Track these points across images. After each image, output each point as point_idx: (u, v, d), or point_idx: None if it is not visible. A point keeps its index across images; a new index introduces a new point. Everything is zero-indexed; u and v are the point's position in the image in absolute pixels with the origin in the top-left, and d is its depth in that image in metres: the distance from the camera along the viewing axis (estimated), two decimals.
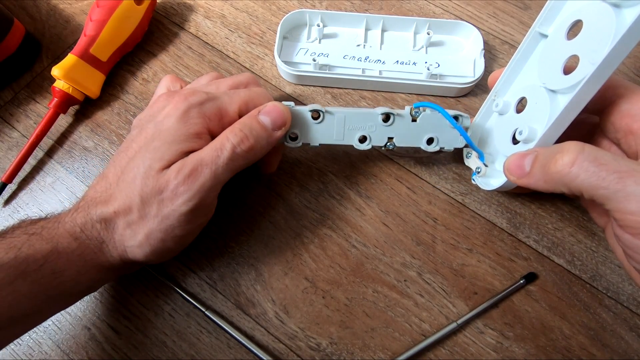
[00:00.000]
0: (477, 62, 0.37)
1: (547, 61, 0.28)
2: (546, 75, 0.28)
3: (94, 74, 0.36)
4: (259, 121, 0.27)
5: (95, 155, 0.35)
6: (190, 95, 0.27)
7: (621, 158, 0.21)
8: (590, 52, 0.24)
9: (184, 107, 0.26)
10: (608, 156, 0.21)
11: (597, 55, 0.23)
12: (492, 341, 0.29)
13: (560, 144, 0.23)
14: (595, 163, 0.20)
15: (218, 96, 0.27)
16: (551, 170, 0.23)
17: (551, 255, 0.31)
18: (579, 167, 0.21)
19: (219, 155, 0.25)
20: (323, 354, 0.28)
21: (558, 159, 0.22)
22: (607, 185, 0.20)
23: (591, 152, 0.21)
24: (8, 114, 0.37)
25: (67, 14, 0.41)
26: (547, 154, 0.23)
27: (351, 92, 0.37)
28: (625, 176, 0.19)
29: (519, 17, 0.40)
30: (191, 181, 0.24)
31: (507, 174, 0.26)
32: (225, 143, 0.25)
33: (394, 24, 0.39)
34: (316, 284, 0.30)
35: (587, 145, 0.22)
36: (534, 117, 0.28)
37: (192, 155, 0.25)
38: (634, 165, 0.20)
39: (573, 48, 0.26)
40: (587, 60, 0.24)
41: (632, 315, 0.29)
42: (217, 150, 0.25)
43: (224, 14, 0.41)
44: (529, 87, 0.29)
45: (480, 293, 0.30)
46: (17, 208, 0.34)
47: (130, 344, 0.29)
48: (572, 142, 0.23)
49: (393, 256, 0.31)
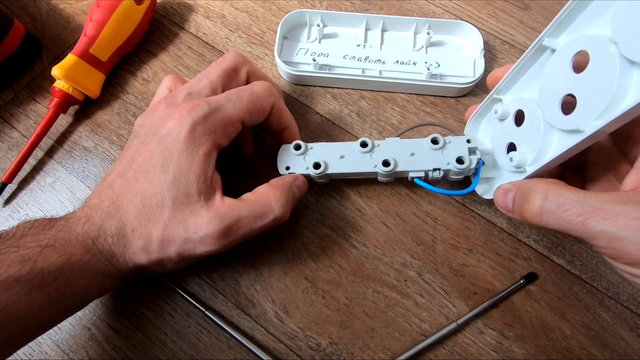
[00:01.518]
0: (477, 62, 0.37)
1: (548, 86, 0.25)
2: (544, 102, 0.25)
3: (94, 74, 0.36)
4: (294, 193, 0.29)
5: (95, 155, 0.35)
6: (192, 108, 0.26)
7: (584, 196, 0.21)
8: (589, 102, 0.22)
9: (188, 125, 0.25)
10: (571, 198, 0.21)
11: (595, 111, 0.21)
12: (492, 341, 0.29)
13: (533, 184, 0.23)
14: (560, 209, 0.21)
15: (221, 105, 0.27)
16: (525, 216, 0.24)
17: (551, 255, 0.31)
18: (547, 216, 0.22)
19: (257, 222, 0.26)
20: (323, 354, 0.28)
21: (527, 209, 0.23)
22: (574, 229, 0.21)
23: (554, 199, 0.22)
24: (8, 114, 0.37)
25: (67, 14, 0.41)
26: (522, 195, 0.24)
27: (351, 92, 0.37)
28: (588, 217, 0.20)
29: (519, 17, 0.40)
30: (222, 236, 0.25)
31: (497, 206, 0.27)
32: (268, 214, 0.26)
33: (394, 24, 0.39)
34: (316, 284, 0.30)
35: (550, 190, 0.22)
36: (527, 140, 0.26)
37: (231, 208, 0.25)
38: (596, 203, 0.20)
39: (574, 84, 0.23)
40: (584, 110, 0.22)
41: (632, 315, 0.29)
42: (257, 218, 0.26)
43: (224, 14, 0.41)
44: (528, 103, 0.27)
45: (480, 293, 0.30)
46: (17, 208, 0.34)
47: (130, 344, 0.29)
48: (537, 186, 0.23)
49: (393, 256, 0.31)
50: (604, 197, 0.21)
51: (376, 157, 0.30)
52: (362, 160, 0.30)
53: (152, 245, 0.25)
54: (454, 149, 0.29)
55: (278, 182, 0.28)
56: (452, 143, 0.29)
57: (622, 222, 0.19)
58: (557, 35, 0.25)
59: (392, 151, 0.30)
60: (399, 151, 0.30)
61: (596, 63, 0.22)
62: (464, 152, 0.29)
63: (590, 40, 0.22)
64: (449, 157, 0.29)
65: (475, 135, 0.32)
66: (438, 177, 0.29)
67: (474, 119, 0.32)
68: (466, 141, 0.29)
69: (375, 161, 0.30)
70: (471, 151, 0.29)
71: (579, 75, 0.23)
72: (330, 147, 0.30)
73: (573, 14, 0.24)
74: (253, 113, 0.28)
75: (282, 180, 0.29)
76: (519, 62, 0.27)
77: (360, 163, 0.30)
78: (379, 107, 0.36)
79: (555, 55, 0.25)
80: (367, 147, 0.30)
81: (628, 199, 0.20)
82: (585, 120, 0.22)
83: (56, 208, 0.33)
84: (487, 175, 0.30)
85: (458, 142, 0.29)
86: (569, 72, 0.23)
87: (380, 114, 0.36)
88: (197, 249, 0.25)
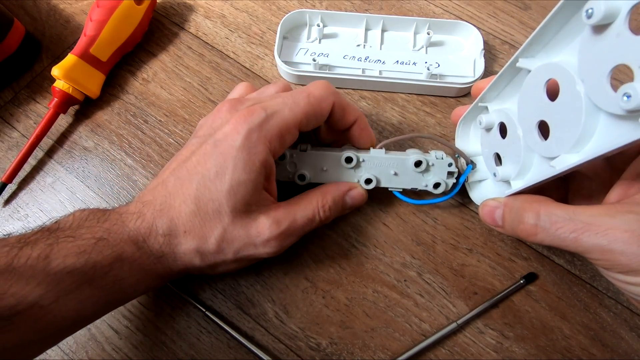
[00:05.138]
0: (477, 62, 0.37)
1: (525, 107, 0.24)
2: (523, 123, 0.24)
3: (94, 74, 0.36)
4: (345, 202, 0.29)
5: (95, 155, 0.35)
6: (249, 115, 0.25)
7: (574, 213, 0.22)
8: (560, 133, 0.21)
9: (244, 132, 0.25)
10: (562, 216, 0.22)
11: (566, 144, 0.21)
12: (492, 341, 0.29)
13: (522, 204, 0.24)
14: (553, 227, 0.22)
15: (277, 111, 0.26)
16: (519, 235, 0.25)
17: (551, 255, 0.31)
18: (542, 235, 0.23)
19: (307, 224, 0.28)
20: (323, 354, 0.28)
21: (521, 228, 0.24)
22: (568, 245, 0.22)
23: (546, 219, 0.23)
24: (8, 114, 0.37)
25: (67, 14, 0.41)
26: (513, 217, 0.25)
27: (351, 92, 0.37)
28: (580, 233, 0.21)
29: (519, 17, 0.40)
30: (282, 239, 0.27)
31: (484, 222, 0.27)
32: (316, 216, 0.28)
33: (394, 24, 0.39)
34: (316, 284, 0.30)
35: (541, 210, 0.23)
36: (510, 155, 0.26)
37: (287, 212, 0.27)
38: (587, 218, 0.21)
39: (547, 112, 0.22)
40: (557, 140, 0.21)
41: (632, 315, 0.29)
42: (309, 221, 0.28)
43: (224, 14, 0.41)
44: (509, 119, 0.26)
45: (480, 293, 0.30)
46: (17, 208, 0.34)
47: (130, 344, 0.29)
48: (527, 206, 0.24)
49: (393, 256, 0.31)
50: (592, 211, 0.21)
51: (359, 172, 0.30)
52: (346, 174, 0.30)
53: (208, 247, 0.25)
54: (434, 173, 0.30)
55: (331, 187, 0.29)
56: (435, 167, 0.30)
57: (612, 235, 0.20)
58: (532, 55, 0.24)
59: (375, 168, 0.30)
60: (383, 169, 0.30)
61: (565, 96, 0.21)
62: (443, 177, 0.30)
63: (561, 71, 0.21)
64: (428, 180, 0.30)
65: (467, 138, 0.32)
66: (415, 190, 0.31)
67: (463, 124, 0.31)
68: (448, 164, 0.30)
69: (358, 176, 0.30)
70: (450, 174, 0.30)
71: (552, 104, 0.22)
72: (313, 156, 0.30)
73: (546, 36, 0.23)
74: (311, 117, 0.27)
75: (336, 187, 0.29)
76: (497, 77, 0.26)
77: (343, 177, 0.30)
78: (379, 107, 0.36)
79: (530, 77, 0.24)
80: (352, 163, 0.29)
81: (616, 211, 0.21)
82: (558, 151, 0.22)
83: (56, 208, 0.33)
84: (480, 178, 0.31)
85: (440, 166, 0.30)
86: (543, 98, 0.22)
87: (380, 114, 0.36)
88: (259, 251, 0.26)
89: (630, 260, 0.20)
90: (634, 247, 0.20)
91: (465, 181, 0.31)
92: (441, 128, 0.35)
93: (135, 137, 0.36)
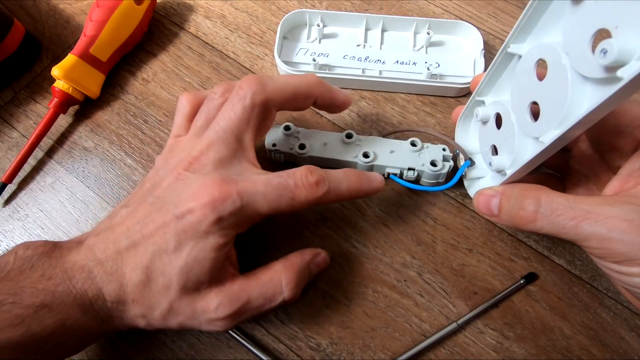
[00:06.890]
0: (477, 62, 0.37)
1: (517, 92, 0.25)
2: (516, 108, 0.25)
3: (94, 74, 0.36)
4: (311, 270, 0.28)
5: (95, 155, 0.35)
6: (222, 201, 0.23)
7: (574, 201, 0.22)
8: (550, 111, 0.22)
9: (212, 219, 0.23)
10: (563, 203, 0.22)
11: (554, 120, 0.21)
12: (492, 341, 0.29)
13: (522, 191, 0.24)
14: (553, 215, 0.22)
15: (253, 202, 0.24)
16: (517, 222, 0.24)
17: (551, 255, 0.31)
18: (541, 222, 0.23)
19: (265, 305, 0.25)
20: (323, 354, 0.28)
21: (521, 215, 0.24)
22: (567, 232, 0.22)
23: (547, 205, 0.23)
24: (8, 114, 0.37)
25: (67, 14, 0.41)
26: (512, 204, 0.25)
27: (351, 92, 0.37)
28: (580, 221, 0.21)
29: (518, 17, 0.40)
30: (230, 320, 0.24)
31: (478, 211, 0.27)
32: (277, 296, 0.25)
33: (394, 24, 0.39)
34: (316, 284, 0.30)
35: (542, 196, 0.23)
36: (505, 144, 0.26)
37: (242, 289, 0.24)
38: (587, 207, 0.22)
39: (537, 93, 0.23)
40: (547, 119, 0.22)
41: (632, 315, 0.29)
42: (266, 300, 0.25)
43: (224, 14, 0.41)
44: (503, 107, 0.27)
45: (480, 293, 0.30)
46: (17, 208, 0.34)
47: (130, 344, 0.29)
48: (528, 193, 0.24)
49: (393, 256, 0.31)
50: (592, 200, 0.22)
51: (358, 149, 0.32)
52: (344, 150, 0.32)
53: (153, 316, 0.24)
54: (430, 154, 0.32)
55: (295, 259, 0.27)
56: (430, 148, 0.32)
57: (611, 224, 0.20)
58: (522, 40, 0.25)
59: (373, 147, 0.32)
60: (380, 148, 0.32)
61: (553, 73, 0.22)
62: (439, 157, 0.31)
63: (548, 49, 0.22)
64: (425, 159, 0.31)
65: (466, 135, 0.32)
66: (412, 177, 0.32)
67: (462, 120, 0.32)
68: (442, 149, 0.32)
69: (356, 152, 0.32)
70: (446, 158, 0.31)
71: (541, 83, 0.23)
72: (316, 133, 0.33)
73: (533, 20, 0.24)
74: (283, 205, 0.25)
75: (301, 257, 0.27)
76: (491, 67, 0.27)
77: (342, 152, 0.32)
78: (379, 107, 0.36)
79: (520, 62, 0.25)
80: (351, 139, 0.32)
81: (615, 201, 0.21)
82: (547, 129, 0.22)
83: (56, 208, 0.33)
84: (478, 175, 0.31)
85: (435, 148, 0.32)
86: (534, 80, 0.23)
87: (380, 114, 0.36)
88: (202, 327, 0.25)
89: (628, 249, 0.20)
90: (632, 236, 0.20)
91: (463, 177, 0.31)
92: (441, 128, 0.36)
93: (135, 137, 0.36)
